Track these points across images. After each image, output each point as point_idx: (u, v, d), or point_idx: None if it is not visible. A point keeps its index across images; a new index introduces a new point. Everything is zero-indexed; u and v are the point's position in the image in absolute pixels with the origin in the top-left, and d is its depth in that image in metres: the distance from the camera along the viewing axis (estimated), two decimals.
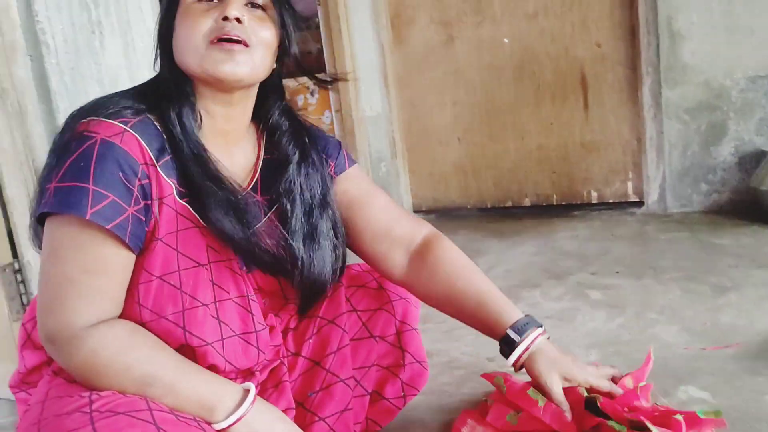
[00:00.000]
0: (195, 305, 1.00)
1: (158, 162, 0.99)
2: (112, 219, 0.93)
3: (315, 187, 1.14)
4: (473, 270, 1.21)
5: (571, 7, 2.92)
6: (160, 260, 0.99)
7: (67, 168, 0.94)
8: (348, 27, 3.24)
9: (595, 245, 2.53)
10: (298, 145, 1.15)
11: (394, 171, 3.41)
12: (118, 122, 0.97)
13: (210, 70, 1.00)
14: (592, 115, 2.97)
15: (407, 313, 1.28)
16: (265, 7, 1.05)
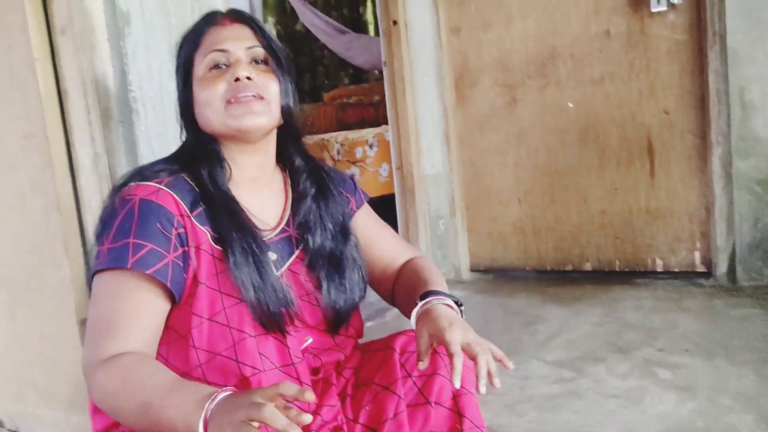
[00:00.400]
0: (243, 337, 1.08)
1: (192, 213, 1.11)
2: (152, 265, 1.04)
3: (334, 216, 1.26)
4: (426, 269, 1.30)
5: (638, 74, 2.92)
6: (206, 303, 1.08)
7: (115, 230, 1.06)
8: (412, 87, 3.30)
9: (662, 318, 2.47)
10: (314, 181, 1.27)
11: (452, 229, 3.41)
12: (153, 183, 1.11)
13: (233, 124, 1.14)
14: (659, 182, 2.94)
15: (464, 376, 1.27)
16: (266, 60, 1.19)
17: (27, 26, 1.69)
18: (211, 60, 1.16)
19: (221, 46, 1.17)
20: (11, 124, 1.80)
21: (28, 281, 1.89)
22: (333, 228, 1.24)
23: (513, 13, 3.14)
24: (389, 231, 1.40)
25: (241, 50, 1.17)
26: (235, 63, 1.15)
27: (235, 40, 1.18)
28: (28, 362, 1.96)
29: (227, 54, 1.16)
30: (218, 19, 1.21)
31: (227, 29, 1.19)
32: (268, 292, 1.09)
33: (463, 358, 1.08)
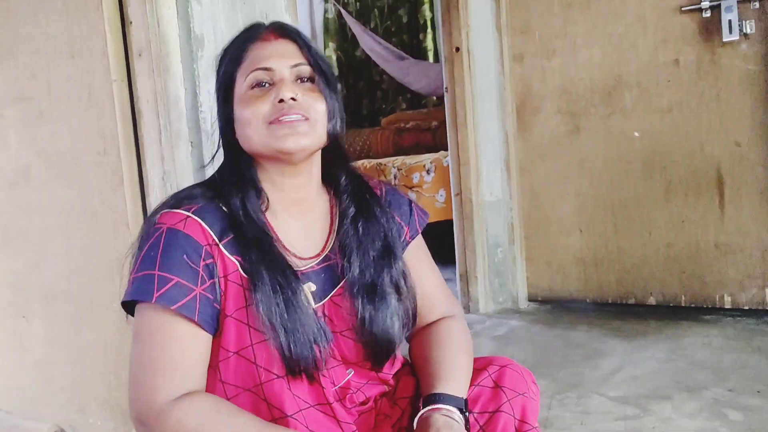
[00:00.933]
0: (270, 378, 1.03)
1: (221, 241, 1.06)
2: (178, 300, 1.00)
3: (375, 240, 1.16)
4: (448, 344, 1.20)
5: (708, 104, 2.84)
6: (234, 336, 1.04)
7: (140, 259, 1.03)
8: (473, 114, 3.28)
9: (731, 357, 2.38)
10: (355, 201, 1.19)
11: (510, 257, 3.37)
12: (182, 210, 1.06)
13: (275, 145, 1.08)
14: (729, 216, 2.85)
15: (526, 410, 1.22)
16: (312, 77, 1.12)
17: (107, 50, 1.75)
18: (253, 78, 1.10)
19: (265, 63, 1.10)
20: (87, 141, 1.86)
21: (95, 295, 1.94)
22: (373, 252, 1.15)
23: (578, 42, 3.11)
24: (433, 274, 1.29)
25: (286, 68, 1.10)
26: (279, 82, 1.09)
27: (280, 57, 1.11)
28: (92, 374, 2.00)
29: (271, 72, 1.10)
30: (261, 33, 1.14)
31: (271, 45, 1.12)
32: (296, 335, 1.03)
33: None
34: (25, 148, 2.04)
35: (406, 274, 1.18)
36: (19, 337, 2.22)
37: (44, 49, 1.91)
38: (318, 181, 1.20)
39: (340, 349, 1.12)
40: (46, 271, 2.07)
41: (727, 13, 2.77)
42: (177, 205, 1.08)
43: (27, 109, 2.00)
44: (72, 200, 1.94)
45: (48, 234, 2.03)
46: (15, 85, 2.02)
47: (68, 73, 1.86)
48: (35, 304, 2.13)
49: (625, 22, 3.00)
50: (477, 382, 1.19)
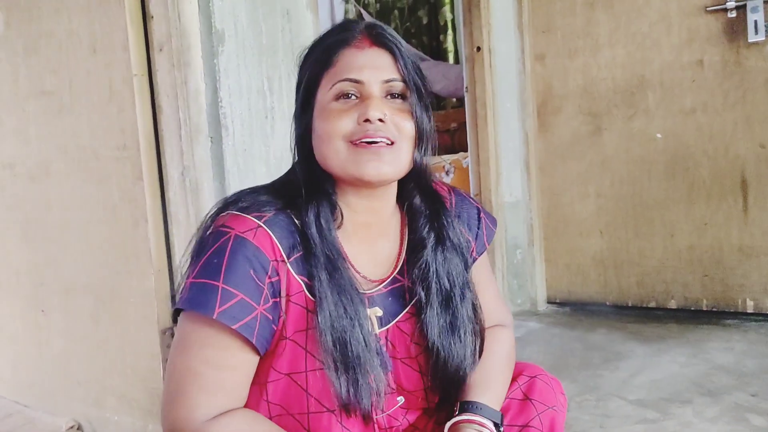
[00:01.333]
0: (321, 410, 0.98)
1: (289, 258, 0.98)
2: (240, 318, 0.93)
3: (454, 273, 1.08)
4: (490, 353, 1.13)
5: (733, 105, 2.80)
6: (288, 359, 0.98)
7: (202, 264, 0.95)
8: (494, 113, 3.26)
9: (754, 362, 2.34)
10: (434, 228, 1.09)
11: (530, 259, 3.34)
12: (252, 217, 0.97)
13: (355, 173, 0.99)
14: (753, 219, 2.80)
15: (554, 424, 1.20)
16: (404, 94, 1.02)
17: (128, 44, 1.76)
18: (340, 89, 0.99)
19: (355, 75, 0.99)
20: (107, 136, 1.87)
21: (113, 289, 1.95)
22: (450, 286, 1.08)
23: (601, 41, 3.08)
24: (492, 286, 1.23)
25: (377, 83, 0.99)
26: (367, 98, 0.99)
27: (373, 69, 1.00)
28: (109, 368, 2.01)
29: (360, 86, 0.99)
30: (356, 37, 1.02)
31: (364, 54, 1.01)
32: (357, 377, 0.96)
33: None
34: (46, 142, 2.05)
35: (476, 305, 1.12)
36: (37, 331, 2.23)
37: (66, 45, 1.92)
38: (393, 204, 1.11)
39: (397, 377, 1.07)
40: (65, 265, 2.08)
41: (752, 14, 2.73)
42: (244, 210, 0.98)
43: (48, 103, 2.01)
44: (92, 195, 1.95)
45: (67, 228, 2.05)
46: (37, 80, 2.04)
47: (89, 67, 1.87)
48: (54, 297, 2.15)
49: (648, 21, 2.96)
50: (507, 394, 1.16)
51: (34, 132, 2.09)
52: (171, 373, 0.97)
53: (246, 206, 0.99)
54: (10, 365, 2.39)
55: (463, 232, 1.14)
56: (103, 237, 1.95)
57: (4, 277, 2.34)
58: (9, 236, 2.28)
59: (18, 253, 2.26)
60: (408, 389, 1.08)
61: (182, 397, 0.94)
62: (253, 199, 1.01)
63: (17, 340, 2.33)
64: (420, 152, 1.03)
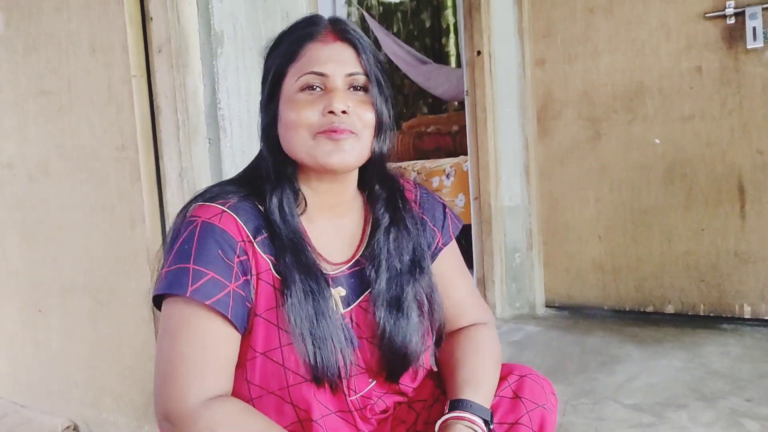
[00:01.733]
0: (299, 381, 1.01)
1: (255, 239, 1.03)
2: (213, 295, 0.97)
3: (404, 253, 1.13)
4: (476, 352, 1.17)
5: (731, 112, 2.81)
6: (262, 337, 1.02)
7: (174, 253, 1.01)
8: (494, 118, 3.27)
9: (750, 367, 2.34)
10: (389, 211, 1.16)
11: (528, 263, 3.34)
12: (217, 204, 1.03)
13: (320, 160, 1.04)
14: (750, 225, 2.80)
15: (544, 422, 1.21)
16: (366, 87, 1.08)
17: (127, 45, 1.77)
18: (305, 81, 1.05)
19: (320, 69, 1.05)
20: (106, 136, 1.87)
21: (111, 289, 1.95)
22: (400, 265, 1.13)
23: (600, 47, 3.09)
24: (465, 281, 1.27)
25: (341, 76, 1.05)
26: (332, 90, 1.05)
27: (337, 63, 1.06)
28: (106, 369, 2.01)
29: (325, 78, 1.05)
30: (321, 32, 1.08)
31: (329, 48, 1.07)
32: (323, 345, 1.01)
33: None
34: (45, 142, 2.06)
35: (432, 290, 1.16)
36: (35, 331, 2.24)
37: (65, 44, 1.93)
38: (354, 187, 1.17)
39: (365, 356, 1.10)
40: (64, 265, 2.09)
41: (751, 20, 2.74)
42: (210, 200, 1.05)
43: (47, 103, 2.02)
44: (90, 195, 1.96)
45: (66, 228, 2.05)
46: (36, 80, 2.05)
47: (88, 68, 1.88)
48: (52, 298, 2.15)
49: (648, 28, 2.97)
50: (497, 392, 1.17)
51: (33, 132, 2.10)
52: (158, 361, 1.00)
53: (211, 196, 1.07)
54: (7, 365, 2.39)
55: (428, 223, 1.21)
56: (101, 237, 1.96)
57: (2, 277, 2.35)
58: (7, 236, 2.28)
59: (16, 252, 2.26)
60: (375, 369, 1.11)
61: (172, 382, 0.96)
62: (218, 189, 1.09)
63: (14, 340, 2.34)
64: (379, 141, 1.10)
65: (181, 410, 0.94)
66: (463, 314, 1.23)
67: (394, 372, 1.12)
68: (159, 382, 0.98)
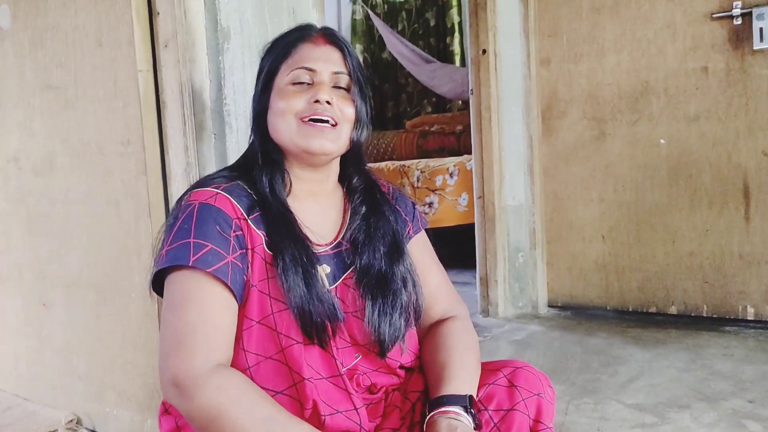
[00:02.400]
0: (290, 343, 1.08)
1: (249, 216, 1.13)
2: (213, 264, 1.05)
3: (383, 236, 1.23)
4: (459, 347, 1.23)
5: (736, 113, 2.80)
6: (256, 306, 1.10)
7: (174, 233, 1.09)
8: (498, 117, 3.27)
9: (753, 368, 2.34)
10: (367, 201, 1.27)
11: (531, 262, 3.34)
12: (211, 188, 1.13)
13: (302, 144, 1.16)
14: (754, 227, 2.80)
15: (541, 410, 1.21)
16: (349, 87, 1.21)
17: (133, 39, 1.77)
18: (296, 75, 1.18)
19: (310, 64, 1.18)
20: (112, 131, 1.88)
21: (115, 284, 1.96)
22: (383, 248, 1.22)
23: (606, 47, 3.08)
24: (437, 270, 1.35)
25: (328, 73, 1.19)
26: (318, 84, 1.18)
27: (325, 61, 1.19)
28: (109, 363, 2.01)
29: (313, 73, 1.18)
30: (312, 35, 1.23)
31: (319, 49, 1.21)
32: (313, 302, 1.09)
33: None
34: (51, 136, 2.07)
35: (413, 269, 1.26)
36: (39, 325, 2.25)
37: (72, 39, 1.93)
38: (335, 179, 1.29)
39: (350, 330, 1.17)
40: (68, 259, 2.09)
41: (758, 21, 2.73)
42: (203, 185, 1.15)
43: (54, 97, 2.02)
44: (95, 189, 1.96)
45: (71, 222, 2.06)
46: (43, 74, 2.05)
47: (95, 62, 1.88)
48: (56, 292, 2.16)
49: (654, 27, 2.97)
50: (491, 381, 1.20)
51: (39, 126, 2.10)
52: (164, 332, 1.05)
53: (204, 182, 1.17)
54: (10, 358, 2.40)
55: (401, 213, 1.32)
56: (106, 232, 1.96)
57: (7, 271, 2.35)
58: (12, 230, 2.29)
59: (21, 246, 2.27)
60: (361, 343, 1.18)
61: (179, 349, 1.02)
62: (211, 176, 1.21)
63: (18, 334, 2.34)
64: (357, 133, 1.22)
65: (190, 374, 0.99)
66: (436, 302, 1.31)
67: (382, 347, 1.18)
68: (166, 350, 1.03)
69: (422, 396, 1.22)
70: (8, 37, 2.15)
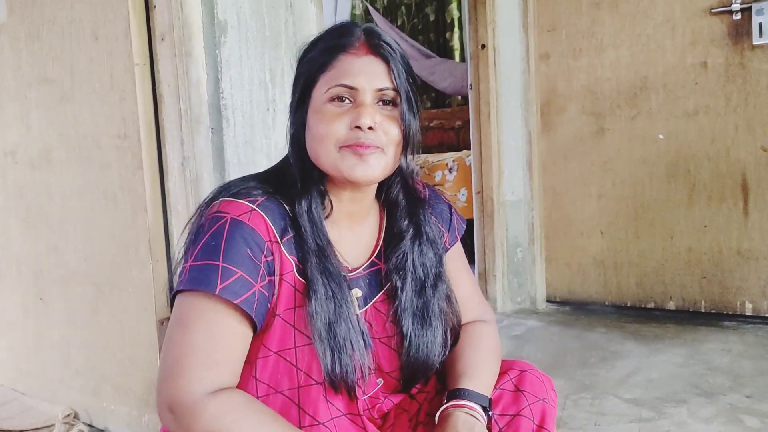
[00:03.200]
0: (309, 383, 1.03)
1: (282, 239, 1.04)
2: (240, 294, 0.98)
3: (428, 264, 1.16)
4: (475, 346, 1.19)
5: (735, 108, 2.80)
6: (278, 336, 1.03)
7: (200, 247, 1.00)
8: (497, 112, 3.26)
9: (750, 364, 2.34)
10: (412, 222, 1.17)
11: (530, 258, 3.34)
12: (246, 201, 1.03)
13: (345, 173, 1.05)
14: (753, 222, 2.80)
15: (545, 415, 1.21)
16: (395, 102, 1.08)
17: (130, 32, 1.76)
18: (335, 93, 1.05)
19: (351, 82, 1.05)
20: (108, 124, 1.87)
21: (112, 278, 1.95)
22: (425, 277, 1.15)
23: (605, 42, 3.07)
24: (468, 279, 1.29)
25: (371, 91, 1.05)
26: (360, 105, 1.05)
27: (368, 76, 1.05)
28: (107, 358, 2.01)
29: (355, 92, 1.05)
30: (355, 44, 1.08)
31: (361, 61, 1.06)
32: (343, 349, 1.03)
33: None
34: (47, 130, 2.06)
35: (450, 293, 1.18)
36: (36, 319, 2.24)
37: (68, 32, 1.93)
38: (373, 195, 1.18)
39: (376, 356, 1.12)
40: (66, 253, 2.09)
41: (758, 16, 2.72)
42: (236, 196, 1.05)
43: (50, 91, 2.02)
44: (92, 183, 1.96)
45: (68, 216, 2.05)
46: (39, 67, 2.04)
47: (91, 55, 1.88)
48: (54, 286, 2.15)
49: (653, 23, 2.96)
50: (498, 385, 1.18)
51: (36, 120, 2.09)
52: (169, 349, 0.98)
53: (238, 192, 1.06)
54: (8, 353, 2.40)
55: (437, 223, 1.22)
56: (103, 226, 1.95)
57: (4, 265, 2.35)
58: (9, 224, 2.28)
59: (18, 241, 2.26)
60: (385, 369, 1.13)
61: (181, 371, 0.95)
62: (244, 185, 1.08)
63: (16, 328, 2.34)
64: (406, 155, 1.12)
65: (187, 400, 0.94)
66: (466, 312, 1.25)
67: (413, 380, 1.15)
68: (166, 371, 0.97)
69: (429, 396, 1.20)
70: (4, 30, 2.15)
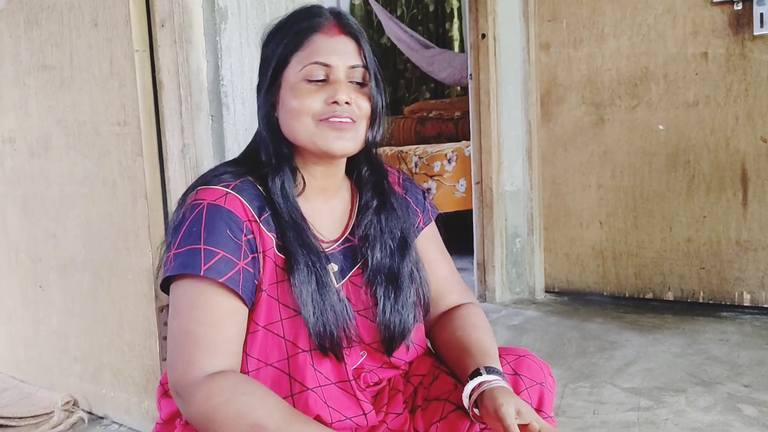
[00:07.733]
0: (296, 352, 1.06)
1: (260, 218, 1.09)
2: (225, 273, 1.02)
3: (395, 231, 1.20)
4: (478, 327, 1.21)
5: (736, 99, 2.79)
6: (264, 311, 1.07)
7: (182, 235, 1.05)
8: (497, 102, 3.25)
9: (748, 353, 2.34)
10: (377, 194, 1.21)
11: (529, 248, 3.34)
12: (220, 186, 1.08)
13: (322, 146, 1.10)
14: (752, 213, 2.80)
15: (542, 399, 1.22)
16: (365, 81, 1.13)
17: (130, 19, 1.76)
18: (310, 71, 1.09)
19: (325, 60, 1.09)
20: (108, 111, 1.86)
21: (112, 266, 1.95)
22: (393, 243, 1.19)
23: (606, 32, 3.07)
24: (446, 261, 1.32)
25: (344, 69, 1.10)
26: (334, 82, 1.09)
27: (341, 55, 1.10)
28: (106, 345, 2.01)
29: (329, 69, 1.09)
30: (325, 24, 1.12)
31: (333, 41, 1.11)
32: (327, 314, 1.07)
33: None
34: (46, 116, 2.05)
35: (419, 263, 1.22)
36: (35, 307, 2.24)
37: (67, 18, 1.92)
38: (343, 170, 1.22)
39: (357, 329, 1.14)
40: (64, 240, 2.08)
41: (759, 6, 2.72)
42: (210, 183, 1.09)
43: (49, 77, 2.01)
44: (91, 170, 1.95)
45: (67, 203, 2.05)
46: (38, 54, 2.03)
47: (90, 42, 1.87)
48: (52, 273, 2.15)
49: (654, 13, 2.95)
50: None
51: (35, 106, 2.09)
52: (169, 339, 1.05)
53: (211, 179, 1.11)
54: (7, 340, 2.40)
55: (410, 203, 1.27)
56: (103, 213, 1.95)
57: (3, 253, 2.35)
58: (8, 211, 2.28)
59: (17, 228, 2.26)
60: (366, 341, 1.16)
61: (180, 357, 1.02)
62: (218, 172, 1.14)
63: (14, 316, 2.34)
64: (373, 130, 1.16)
65: (185, 384, 0.99)
66: (447, 293, 1.28)
67: (390, 345, 1.17)
68: (169, 359, 1.03)
69: (426, 380, 1.21)
70: (3, 16, 2.14)
